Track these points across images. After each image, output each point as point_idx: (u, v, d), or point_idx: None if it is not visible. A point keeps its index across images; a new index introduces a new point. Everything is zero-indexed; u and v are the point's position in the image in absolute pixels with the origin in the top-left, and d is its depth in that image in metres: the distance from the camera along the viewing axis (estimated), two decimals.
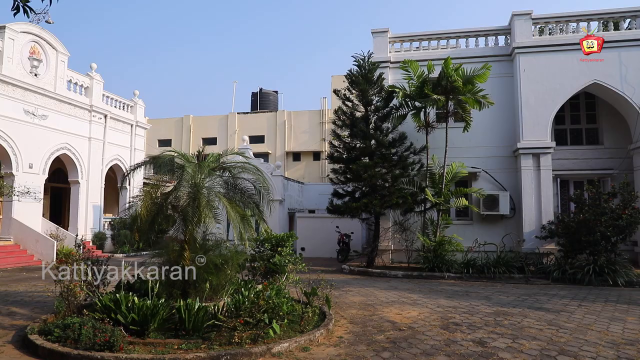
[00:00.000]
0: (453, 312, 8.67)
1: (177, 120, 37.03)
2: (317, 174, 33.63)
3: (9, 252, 16.59)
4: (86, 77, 21.55)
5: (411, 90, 15.44)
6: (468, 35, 17.68)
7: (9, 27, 17.27)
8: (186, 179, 7.45)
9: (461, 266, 13.93)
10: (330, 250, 19.96)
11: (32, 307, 9.00)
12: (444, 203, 15.01)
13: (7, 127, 17.09)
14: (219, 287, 7.44)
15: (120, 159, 23.54)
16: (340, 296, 10.21)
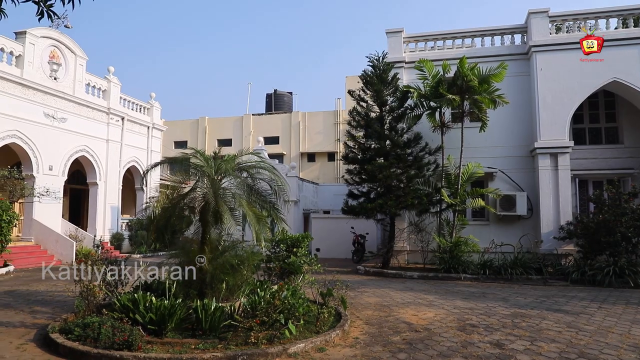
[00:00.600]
0: (470, 314, 8.59)
1: (193, 122, 37.40)
2: (331, 174, 33.64)
3: (30, 252, 16.93)
4: (104, 80, 21.89)
5: (426, 90, 15.36)
6: (484, 34, 17.53)
7: (30, 32, 17.63)
8: (203, 179, 7.52)
9: (478, 267, 13.81)
10: (345, 251, 19.95)
11: (52, 306, 9.17)
12: (459, 204, 14.89)
13: (28, 130, 17.45)
14: (235, 287, 7.49)
15: (137, 160, 23.85)
16: (355, 297, 10.20)
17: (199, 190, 7.74)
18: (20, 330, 7.24)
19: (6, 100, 16.60)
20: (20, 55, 17.41)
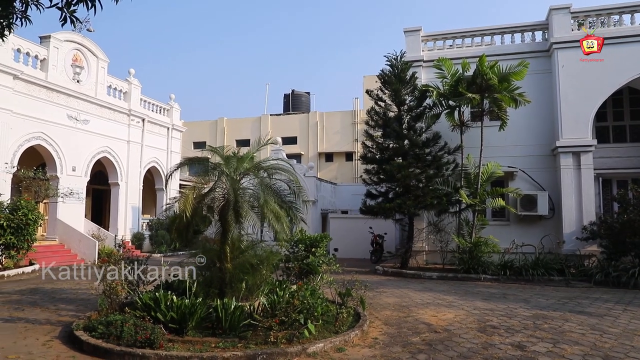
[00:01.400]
0: (490, 315, 8.49)
1: (212, 122, 37.76)
2: (349, 174, 33.59)
3: (55, 251, 17.31)
4: (125, 83, 22.26)
5: (445, 89, 15.23)
6: (503, 31, 17.31)
7: (54, 36, 18.03)
8: (223, 179, 7.59)
9: (498, 268, 13.64)
10: (363, 251, 19.89)
11: (76, 304, 9.37)
12: (479, 203, 14.71)
13: (52, 131, 17.85)
14: (255, 287, 7.54)
15: (158, 161, 24.19)
16: (374, 297, 10.18)
17: (218, 190, 7.82)
18: (46, 328, 7.42)
19: (32, 103, 17.01)
20: (45, 58, 17.82)
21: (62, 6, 5.57)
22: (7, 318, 8.06)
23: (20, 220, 13.59)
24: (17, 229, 13.53)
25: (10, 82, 15.95)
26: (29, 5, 5.98)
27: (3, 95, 15.62)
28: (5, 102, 15.68)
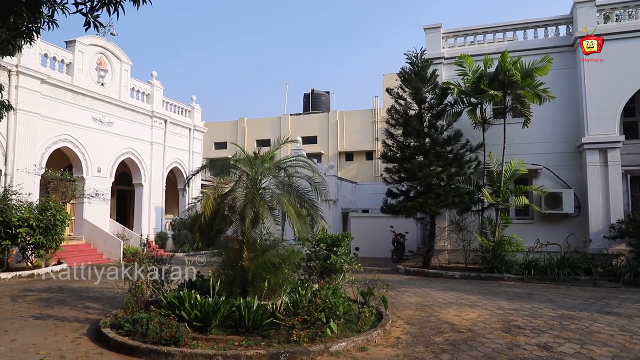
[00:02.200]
0: (515, 315, 8.36)
1: (232, 123, 38.09)
2: (370, 173, 33.48)
3: (81, 250, 17.73)
4: (147, 85, 22.63)
5: (466, 86, 15.05)
6: (526, 26, 17.01)
7: (79, 40, 18.45)
8: (244, 179, 7.66)
9: (522, 267, 13.41)
10: (384, 250, 19.81)
11: (103, 302, 9.57)
12: (502, 202, 14.48)
13: (78, 134, 18.27)
14: (277, 286, 7.58)
15: (180, 161, 24.53)
16: (396, 296, 10.12)
17: (239, 190, 7.88)
18: (75, 325, 7.60)
19: (58, 106, 17.45)
20: (71, 63, 18.25)
21: (86, 11, 5.71)
22: (38, 315, 8.29)
23: (49, 221, 13.95)
24: (45, 229, 13.88)
25: (38, 86, 16.39)
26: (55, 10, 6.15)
27: (31, 99, 16.06)
28: (33, 105, 16.12)
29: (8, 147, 15.45)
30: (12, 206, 13.75)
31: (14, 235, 13.33)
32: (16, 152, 15.59)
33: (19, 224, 13.38)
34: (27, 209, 13.94)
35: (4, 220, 13.35)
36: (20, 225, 13.38)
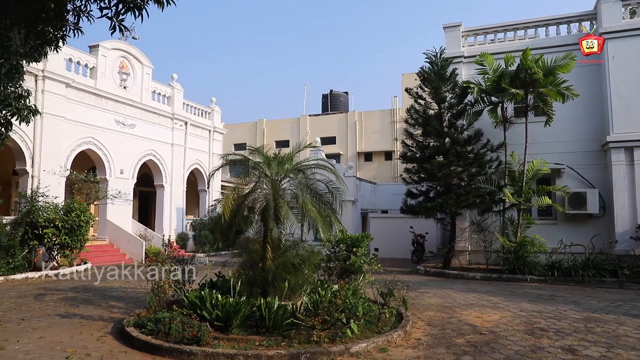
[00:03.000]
0: (538, 317, 8.23)
1: (251, 124, 38.36)
2: (389, 173, 33.32)
3: (105, 250, 18.08)
4: (168, 87, 22.96)
5: (487, 85, 14.86)
6: (548, 23, 16.73)
7: (102, 45, 18.84)
8: (264, 180, 7.71)
9: (545, 268, 13.18)
10: (404, 251, 19.69)
11: (126, 302, 9.75)
12: (524, 202, 14.26)
13: (101, 136, 18.65)
14: (297, 286, 7.62)
15: (200, 163, 24.81)
16: (416, 297, 10.06)
17: (259, 191, 7.95)
18: (99, 324, 7.76)
19: (83, 110, 17.84)
20: (94, 67, 18.64)
21: (111, 16, 5.85)
22: (64, 314, 8.49)
23: (74, 221, 14.28)
24: (70, 229, 14.22)
25: (63, 90, 16.78)
26: (80, 17, 6.30)
27: (57, 102, 16.46)
28: (58, 109, 16.52)
29: (35, 149, 15.86)
30: (39, 207, 14.13)
31: (41, 236, 13.70)
32: (42, 155, 16.00)
33: (46, 225, 13.74)
34: (53, 210, 14.30)
35: (31, 221, 13.74)
36: (47, 226, 13.74)
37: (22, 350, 6.21)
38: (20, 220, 13.92)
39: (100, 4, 5.65)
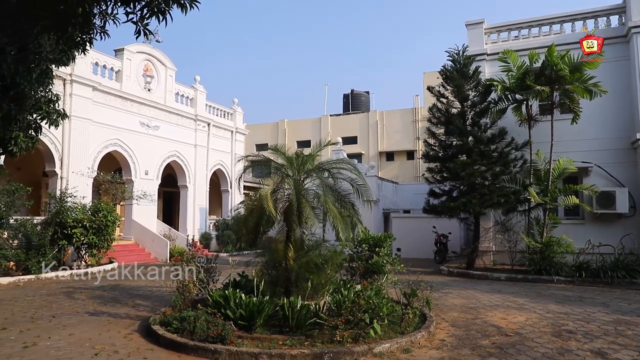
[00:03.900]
0: (565, 319, 8.06)
1: (273, 124, 38.58)
2: (411, 173, 33.09)
3: (131, 250, 18.44)
4: (191, 89, 23.28)
5: (511, 82, 14.61)
6: (574, 18, 16.35)
7: (127, 48, 19.23)
8: (286, 180, 7.76)
9: (572, 269, 12.87)
10: (426, 251, 19.52)
11: (152, 300, 9.93)
12: (550, 202, 13.96)
13: (126, 138, 19.04)
14: (320, 286, 7.63)
15: (222, 164, 25.07)
16: (439, 298, 9.97)
17: (282, 191, 8.00)
18: (126, 322, 7.93)
19: (109, 112, 18.25)
20: (119, 70, 19.04)
21: (136, 20, 5.97)
22: (92, 312, 8.71)
23: (101, 222, 14.62)
24: (98, 229, 14.56)
25: (90, 93, 17.19)
26: (107, 21, 6.45)
27: (84, 105, 16.87)
28: (85, 112, 16.93)
29: (63, 151, 16.29)
30: (68, 208, 14.50)
31: (70, 235, 14.07)
32: (71, 157, 16.42)
33: (74, 225, 14.10)
34: (81, 210, 14.66)
35: (61, 221, 14.11)
36: (75, 226, 14.10)
37: (53, 347, 6.39)
38: (50, 220, 14.31)
39: (126, 8, 5.77)
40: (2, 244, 12.75)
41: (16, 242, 13.38)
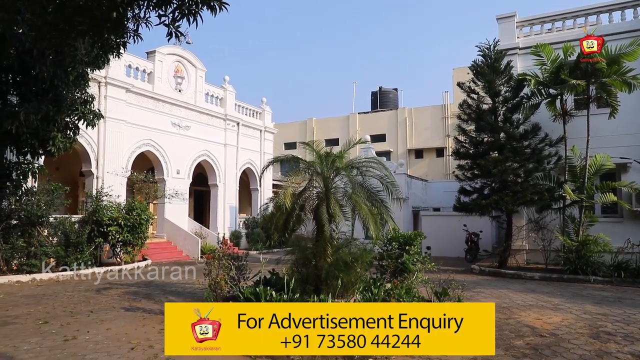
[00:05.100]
0: (603, 320, 7.81)
1: (301, 123, 38.73)
2: (440, 171, 32.65)
3: (164, 247, 18.88)
4: (220, 89, 23.62)
5: (544, 76, 14.23)
6: (611, 9, 15.78)
7: (158, 50, 19.67)
8: (315, 178, 7.79)
9: (610, 269, 12.45)
10: (457, 249, 19.25)
11: (184, 297, 10.13)
12: (586, 199, 13.53)
13: (159, 138, 19.49)
14: (350, 284, 7.63)
15: (252, 162, 25.35)
16: (471, 297, 9.80)
17: (311, 189, 8.02)
18: (160, 317, 8.10)
19: (142, 113, 18.72)
20: (151, 72, 19.50)
21: (168, 23, 6.11)
22: (128, 307, 8.95)
23: (135, 220, 15.02)
24: (132, 227, 14.96)
25: (124, 95, 17.67)
26: (139, 24, 6.62)
27: (118, 107, 17.35)
28: (119, 113, 17.41)
29: (99, 152, 16.81)
30: (104, 206, 14.95)
31: (106, 233, 14.51)
32: (106, 157, 16.93)
33: (109, 223, 14.53)
34: (116, 209, 15.09)
35: (97, 220, 14.57)
36: (111, 224, 14.52)
37: (92, 341, 6.61)
38: (87, 218, 14.79)
39: (158, 11, 5.91)
40: (43, 241, 13.23)
41: (56, 240, 13.87)
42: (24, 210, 12.86)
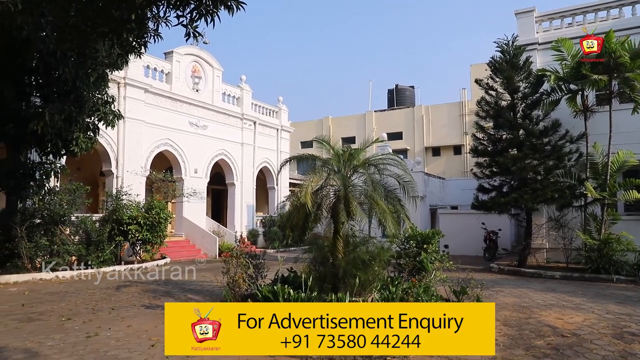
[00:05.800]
0: (627, 320, 7.65)
1: (317, 122, 38.72)
2: (458, 168, 32.32)
3: (182, 246, 19.09)
4: (237, 89, 23.76)
5: (565, 72, 13.97)
6: (634, 1, 15.40)
7: (176, 51, 19.87)
8: (332, 176, 7.78)
9: (634, 268, 12.19)
10: (475, 248, 19.05)
11: (203, 295, 10.23)
12: (609, 197, 13.25)
13: (177, 138, 19.70)
14: (367, 282, 7.61)
15: (269, 161, 25.46)
16: (490, 296, 9.69)
17: (329, 188, 8.02)
18: None
19: (160, 113, 18.95)
20: (169, 72, 19.72)
21: (186, 23, 6.17)
22: (148, 305, 9.08)
23: (154, 219, 15.21)
24: (151, 226, 15.16)
25: (142, 95, 17.91)
26: (159, 24, 6.71)
27: (137, 107, 17.59)
28: (138, 113, 17.66)
29: (119, 151, 17.08)
30: (123, 205, 15.17)
31: (126, 232, 14.72)
32: (125, 156, 17.19)
33: (129, 222, 14.75)
34: (136, 207, 15.30)
35: (117, 218, 14.79)
36: (130, 223, 14.74)
37: (113, 337, 6.72)
38: (108, 217, 15.03)
39: (177, 12, 5.98)
40: (65, 240, 13.49)
41: (77, 238, 14.13)
42: (47, 209, 13.12)
